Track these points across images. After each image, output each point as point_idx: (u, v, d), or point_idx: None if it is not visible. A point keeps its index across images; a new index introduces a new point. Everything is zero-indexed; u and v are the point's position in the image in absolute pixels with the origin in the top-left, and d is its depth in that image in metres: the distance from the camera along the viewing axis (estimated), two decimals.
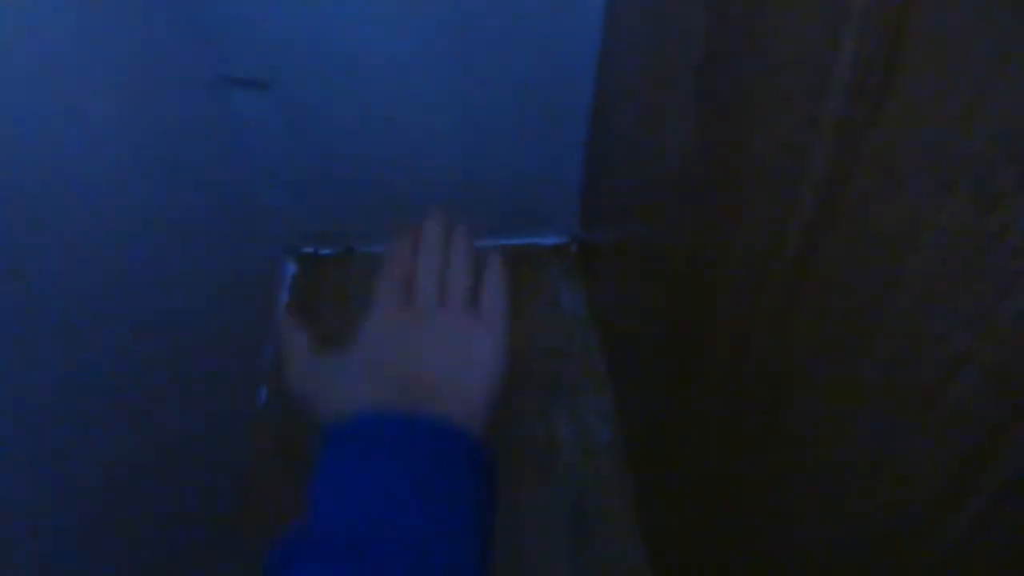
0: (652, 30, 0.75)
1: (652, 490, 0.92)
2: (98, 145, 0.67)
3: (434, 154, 1.16)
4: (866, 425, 0.40)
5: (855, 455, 0.41)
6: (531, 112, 1.10)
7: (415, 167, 1.17)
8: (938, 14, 0.31)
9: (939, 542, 0.35)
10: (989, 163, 0.29)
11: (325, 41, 0.98)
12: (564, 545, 0.93)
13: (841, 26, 0.36)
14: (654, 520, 0.91)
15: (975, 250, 0.30)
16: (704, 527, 0.72)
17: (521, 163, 1.18)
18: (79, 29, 0.65)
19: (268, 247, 1.23)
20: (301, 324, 0.60)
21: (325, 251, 1.30)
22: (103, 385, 0.65)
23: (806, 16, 0.40)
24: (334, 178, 1.18)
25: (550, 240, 1.32)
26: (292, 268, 1.28)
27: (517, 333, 0.55)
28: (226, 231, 1.01)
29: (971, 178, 0.30)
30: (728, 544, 0.66)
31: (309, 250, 1.30)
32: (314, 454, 0.47)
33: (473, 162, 1.17)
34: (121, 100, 0.72)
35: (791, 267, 0.46)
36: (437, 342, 0.53)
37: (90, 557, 0.62)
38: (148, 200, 0.77)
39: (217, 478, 0.94)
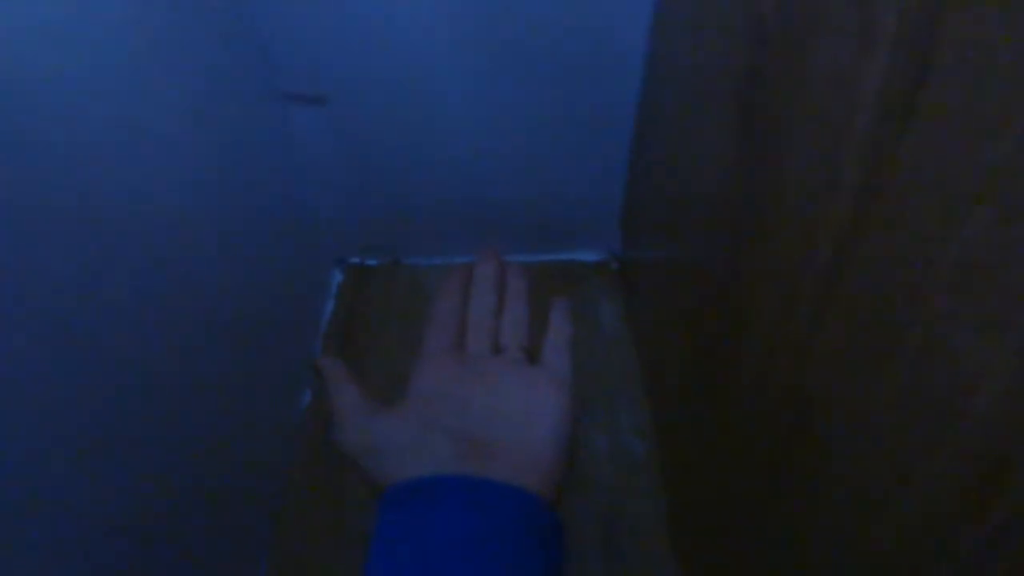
0: (693, 52, 0.76)
1: (686, 509, 0.92)
2: (162, 156, 0.72)
3: (480, 169, 1.18)
4: (891, 440, 0.40)
5: (879, 469, 0.41)
6: (575, 130, 1.12)
7: (461, 181, 1.20)
8: (967, 29, 0.31)
9: (960, 554, 0.35)
10: (1014, 175, 0.29)
11: (377, 58, 1.02)
12: (595, 560, 0.93)
13: (872, 43, 0.37)
14: (688, 539, 0.91)
15: (998, 263, 0.30)
16: (739, 547, 0.72)
17: (564, 180, 1.20)
18: (145, 45, 0.69)
19: (317, 257, 1.27)
20: (350, 376, 0.56)
21: (371, 262, 1.34)
22: (160, 385, 0.69)
23: (838, 34, 0.41)
24: (382, 191, 1.22)
25: (590, 257, 1.33)
26: (339, 277, 1.32)
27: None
28: (277, 240, 1.05)
29: (995, 190, 0.30)
30: (764, 565, 0.66)
31: (356, 261, 1.34)
32: (369, 521, 0.45)
33: (517, 177, 1.20)
34: (184, 114, 0.76)
35: (820, 283, 0.46)
36: (499, 398, 0.49)
37: (139, 554, 0.65)
38: (205, 210, 0.81)
39: (258, 480, 0.97)
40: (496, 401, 0.49)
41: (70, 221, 0.56)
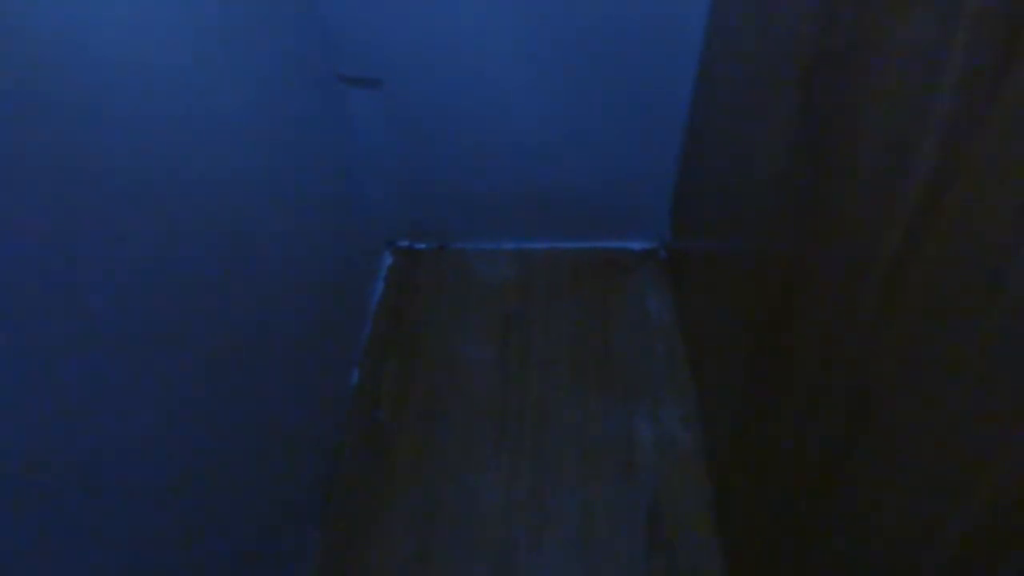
0: (755, 38, 0.75)
1: (733, 498, 0.91)
2: (231, 135, 0.74)
3: (531, 158, 1.18)
4: (960, 432, 0.39)
5: (954, 457, 0.40)
6: (629, 118, 1.11)
7: (511, 167, 1.20)
8: None
9: None
10: None
11: (432, 44, 1.03)
12: (640, 548, 0.93)
13: (954, 24, 0.36)
14: (734, 528, 0.90)
15: None
16: (788, 537, 0.71)
17: (616, 168, 1.20)
18: (218, 31, 0.71)
19: (368, 239, 1.29)
20: None
21: (420, 245, 1.35)
22: (224, 360, 0.71)
23: (918, 15, 0.40)
24: (433, 176, 1.23)
25: (640, 245, 1.32)
26: (389, 260, 1.34)
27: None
28: (332, 221, 1.08)
29: None
30: (808, 558, 0.65)
31: (405, 244, 1.35)
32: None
33: (568, 164, 1.20)
34: (249, 97, 0.78)
35: (889, 272, 0.45)
36: None
37: (197, 528, 0.67)
38: (269, 188, 0.83)
39: (311, 454, 0.99)
40: None
41: (148, 197, 0.58)
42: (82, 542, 0.51)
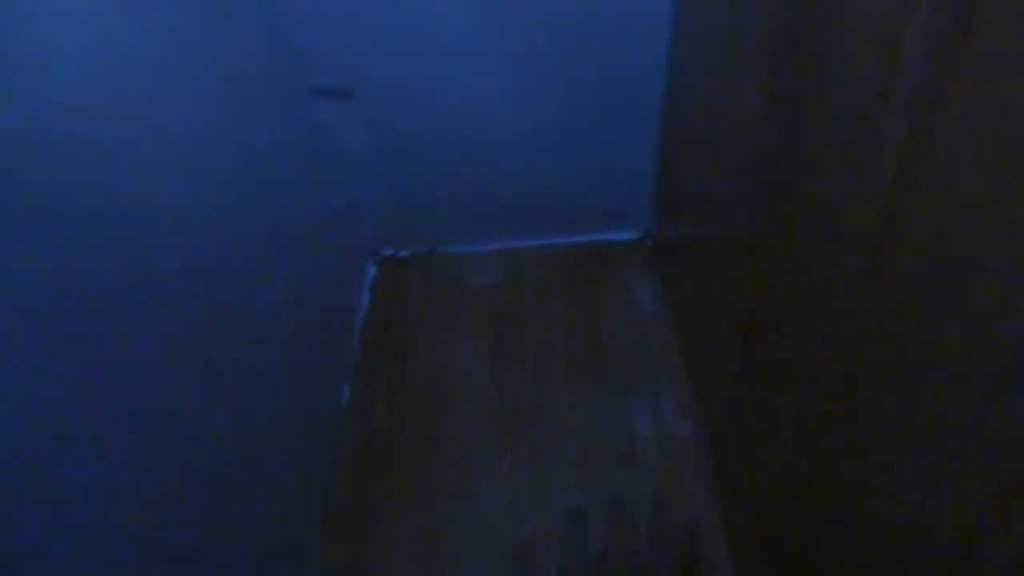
0: (722, 19, 0.74)
1: (735, 485, 0.90)
2: (203, 157, 0.73)
3: (510, 155, 1.17)
4: (950, 409, 0.38)
5: (935, 443, 0.39)
6: (604, 110, 1.10)
7: (491, 168, 1.19)
8: None
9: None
10: None
11: (403, 51, 1.01)
12: (645, 540, 0.93)
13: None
14: (739, 516, 0.90)
15: None
16: (787, 521, 0.71)
17: (596, 160, 1.19)
18: (180, 52, 0.70)
19: (350, 250, 1.28)
20: None
21: (404, 253, 1.34)
22: (202, 382, 0.70)
23: None
24: (414, 182, 1.22)
25: (625, 236, 1.32)
26: (373, 270, 1.32)
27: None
28: (311, 235, 1.06)
29: None
30: (811, 538, 0.65)
31: (389, 252, 1.34)
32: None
33: (548, 160, 1.19)
34: (223, 115, 0.77)
35: (869, 249, 0.44)
36: None
37: (190, 544, 0.66)
38: (242, 207, 0.82)
39: (303, 475, 0.98)
40: None
41: (109, 229, 0.57)
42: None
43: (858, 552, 0.54)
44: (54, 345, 0.50)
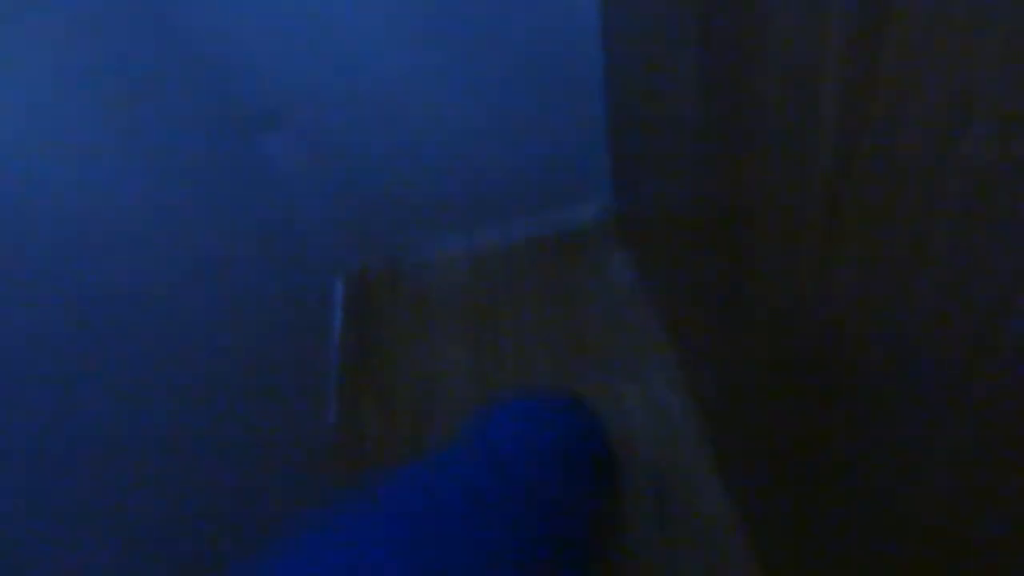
0: None
1: (733, 454, 0.90)
2: (147, 202, 0.70)
3: (460, 153, 1.15)
4: (922, 359, 0.37)
5: (918, 390, 0.39)
6: (544, 92, 1.09)
7: (443, 168, 1.17)
8: None
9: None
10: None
11: (327, 65, 0.99)
12: (649, 521, 0.92)
13: None
14: (738, 479, 0.89)
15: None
16: (792, 478, 0.70)
17: (546, 142, 1.17)
18: (105, 108, 0.67)
19: (315, 271, 1.25)
20: None
21: (371, 266, 1.32)
22: (174, 423, 0.68)
23: None
24: (369, 194, 1.19)
25: (588, 215, 1.30)
26: (340, 288, 1.30)
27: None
28: (272, 263, 1.04)
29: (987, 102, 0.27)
30: (812, 495, 0.64)
31: (355, 268, 1.32)
32: None
33: (499, 150, 1.17)
34: (166, 153, 0.74)
35: (824, 199, 0.43)
36: None
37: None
38: (194, 245, 0.79)
39: (294, 502, 0.96)
40: None
41: (57, 302, 0.55)
42: None
43: (859, 514, 0.54)
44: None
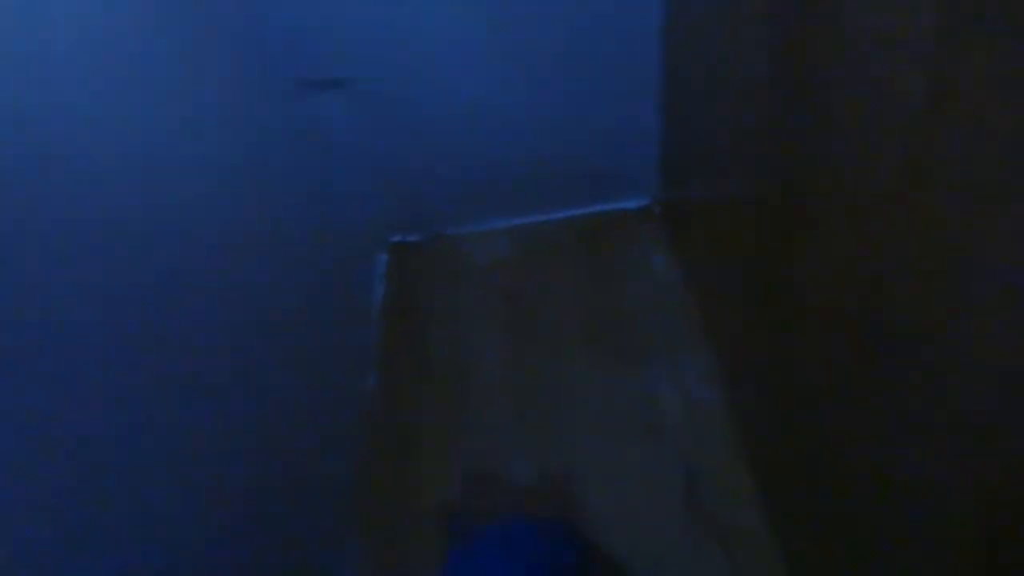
0: None
1: (767, 452, 0.90)
2: (199, 158, 0.72)
3: (511, 132, 1.16)
4: (988, 357, 0.37)
5: (969, 391, 0.39)
6: (602, 77, 1.09)
7: (493, 145, 1.18)
8: None
9: None
10: None
11: (393, 32, 1.00)
12: (678, 514, 0.92)
13: None
14: (770, 478, 0.89)
15: None
16: (826, 478, 0.70)
17: (597, 129, 1.17)
18: (167, 55, 0.69)
19: (360, 241, 1.28)
20: None
21: (413, 238, 1.34)
22: (218, 385, 0.70)
23: None
24: (418, 166, 1.21)
25: (632, 203, 1.30)
26: (385, 257, 1.32)
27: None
28: (317, 228, 1.06)
29: None
30: (844, 491, 0.64)
31: (398, 238, 1.34)
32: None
33: (549, 134, 1.17)
34: (211, 115, 0.76)
35: (893, 194, 0.43)
36: None
37: (230, 540, 0.67)
38: (242, 208, 0.81)
39: (334, 463, 0.99)
40: None
41: (112, 241, 0.57)
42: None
43: (895, 513, 0.54)
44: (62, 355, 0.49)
